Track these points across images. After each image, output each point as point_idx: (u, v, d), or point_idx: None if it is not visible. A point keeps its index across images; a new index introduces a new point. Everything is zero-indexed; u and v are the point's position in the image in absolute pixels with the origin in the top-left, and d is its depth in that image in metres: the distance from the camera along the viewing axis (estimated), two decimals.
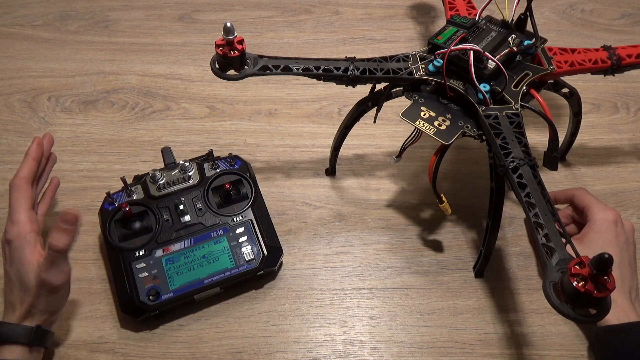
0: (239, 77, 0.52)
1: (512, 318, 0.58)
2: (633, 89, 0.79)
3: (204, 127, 0.74)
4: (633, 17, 0.90)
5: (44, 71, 0.81)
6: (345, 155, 0.70)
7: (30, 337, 0.49)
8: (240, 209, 0.60)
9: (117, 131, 0.74)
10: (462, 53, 0.52)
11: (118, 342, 0.56)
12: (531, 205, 0.44)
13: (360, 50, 0.84)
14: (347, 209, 0.66)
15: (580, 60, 0.56)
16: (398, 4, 0.91)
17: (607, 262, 0.35)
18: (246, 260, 0.57)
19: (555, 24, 0.89)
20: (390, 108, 0.60)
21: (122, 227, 0.58)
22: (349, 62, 0.54)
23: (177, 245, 0.57)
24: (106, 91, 0.79)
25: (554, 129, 0.52)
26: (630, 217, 0.65)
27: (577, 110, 0.63)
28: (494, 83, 0.52)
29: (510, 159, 0.47)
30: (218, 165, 0.62)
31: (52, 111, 0.76)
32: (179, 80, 0.80)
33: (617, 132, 0.74)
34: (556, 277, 0.39)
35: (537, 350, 0.56)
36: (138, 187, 0.60)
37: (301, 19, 0.89)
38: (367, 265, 0.62)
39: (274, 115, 0.76)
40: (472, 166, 0.70)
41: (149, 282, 0.55)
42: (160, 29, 0.87)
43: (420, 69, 0.54)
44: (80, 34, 0.87)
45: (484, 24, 0.56)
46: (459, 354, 0.55)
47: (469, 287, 0.60)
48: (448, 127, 0.52)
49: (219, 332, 0.57)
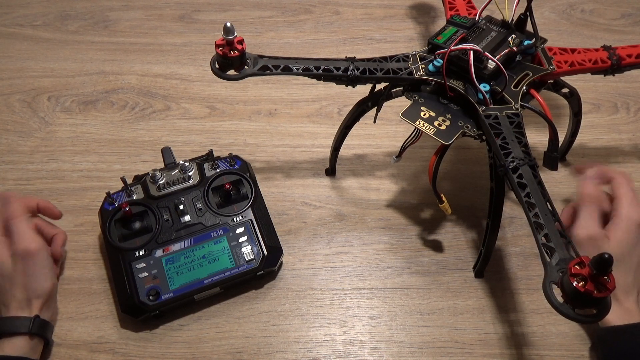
0: (239, 77, 0.52)
1: (512, 318, 0.58)
2: (633, 89, 0.79)
3: (204, 127, 0.74)
4: (633, 17, 0.90)
5: (44, 71, 0.81)
6: (345, 155, 0.70)
7: (30, 326, 0.49)
8: (240, 209, 0.60)
9: (117, 131, 0.74)
10: (462, 53, 0.52)
11: (118, 342, 0.56)
12: (531, 205, 0.44)
13: (360, 50, 0.84)
14: (347, 209, 0.66)
15: (580, 60, 0.56)
16: (398, 4, 0.91)
17: (607, 262, 0.35)
18: (246, 260, 0.57)
19: (555, 24, 0.89)
20: (390, 108, 0.60)
21: (122, 227, 0.58)
22: (349, 62, 0.54)
23: (177, 245, 0.57)
24: (106, 91, 0.79)
25: (554, 129, 0.52)
26: None
27: (577, 110, 0.63)
28: (494, 83, 0.52)
29: (510, 159, 0.47)
30: (218, 165, 0.62)
31: (52, 111, 0.76)
32: (179, 80, 0.80)
33: (617, 132, 0.74)
34: (556, 277, 0.39)
35: (537, 350, 0.56)
36: (138, 187, 0.60)
37: (301, 19, 0.89)
38: (367, 265, 0.62)
39: (274, 115, 0.76)
40: (472, 166, 0.70)
41: (149, 282, 0.55)
42: (160, 29, 0.87)
43: (420, 69, 0.54)
44: (80, 34, 0.87)
45: (484, 24, 0.56)
46: (459, 354, 0.55)
47: (469, 287, 0.60)
48: (448, 127, 0.52)
49: (219, 332, 0.57)
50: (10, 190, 0.67)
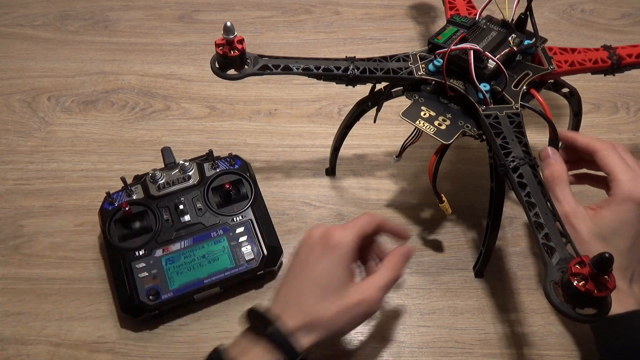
0: (239, 76, 0.52)
1: (512, 318, 0.58)
2: (633, 89, 0.79)
3: (204, 127, 0.74)
4: (633, 17, 0.90)
5: (44, 71, 0.81)
6: (345, 155, 0.70)
7: (288, 356, 0.42)
8: (240, 208, 0.60)
9: (117, 131, 0.74)
10: (462, 53, 0.52)
11: (118, 342, 0.56)
12: (531, 205, 0.44)
13: (360, 50, 0.84)
14: (347, 209, 0.66)
15: (580, 60, 0.56)
16: (398, 4, 0.91)
17: (607, 262, 0.35)
18: (246, 260, 0.57)
19: (555, 24, 0.89)
20: (390, 108, 0.60)
21: (122, 227, 0.58)
22: (349, 62, 0.54)
23: (177, 245, 0.57)
24: (106, 91, 0.79)
25: (554, 128, 0.52)
26: None
27: (577, 110, 0.63)
28: (494, 83, 0.52)
29: (511, 158, 0.47)
30: (218, 165, 0.62)
31: (52, 111, 0.76)
32: (179, 80, 0.80)
33: (617, 132, 0.74)
34: (556, 276, 0.39)
35: (537, 350, 0.56)
36: (138, 187, 0.60)
37: (301, 19, 0.89)
38: None
39: (274, 115, 0.76)
40: (472, 166, 0.70)
41: (149, 281, 0.55)
42: (160, 29, 0.87)
43: (420, 69, 0.54)
44: (80, 34, 0.87)
45: (484, 23, 0.57)
46: (459, 354, 0.55)
47: (469, 287, 0.60)
48: (448, 127, 0.52)
49: (219, 332, 0.57)
50: (10, 190, 0.67)
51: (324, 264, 0.45)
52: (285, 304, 0.45)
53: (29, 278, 0.60)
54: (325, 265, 0.45)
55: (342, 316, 0.44)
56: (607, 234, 0.48)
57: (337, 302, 0.44)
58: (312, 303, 0.44)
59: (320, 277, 0.45)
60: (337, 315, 0.43)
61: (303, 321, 0.43)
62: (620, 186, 0.48)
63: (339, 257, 0.45)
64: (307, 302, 0.44)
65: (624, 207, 0.48)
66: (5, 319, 0.57)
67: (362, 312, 0.44)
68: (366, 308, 0.44)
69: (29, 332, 0.56)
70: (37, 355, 0.55)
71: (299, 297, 0.44)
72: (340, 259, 0.45)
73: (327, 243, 0.46)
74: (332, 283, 0.44)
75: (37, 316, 0.57)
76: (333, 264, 0.45)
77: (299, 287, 0.45)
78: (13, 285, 0.60)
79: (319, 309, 0.43)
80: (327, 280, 0.45)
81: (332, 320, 0.43)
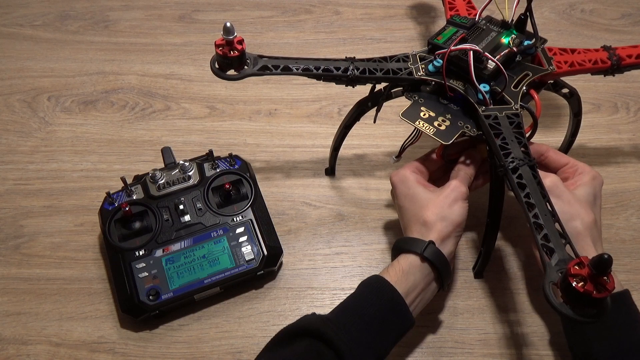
0: (239, 77, 0.52)
1: (512, 318, 0.58)
2: (633, 89, 0.79)
3: (204, 127, 0.74)
4: (633, 17, 0.90)
5: (44, 71, 0.81)
6: (345, 155, 0.70)
7: (423, 249, 0.50)
8: (240, 209, 0.60)
9: (117, 131, 0.74)
10: (462, 53, 0.52)
11: (118, 342, 0.56)
12: (530, 205, 0.44)
13: (360, 50, 0.84)
14: (347, 209, 0.66)
15: (580, 61, 0.56)
16: (398, 4, 0.91)
17: (606, 263, 0.35)
18: (246, 260, 0.57)
19: (555, 24, 0.89)
20: (390, 108, 0.60)
21: (122, 227, 0.58)
22: (348, 62, 0.54)
23: (177, 245, 0.57)
24: (106, 91, 0.79)
25: (534, 127, 0.53)
26: (630, 217, 0.65)
27: (577, 111, 0.63)
28: (494, 83, 0.52)
29: (510, 159, 0.47)
30: (218, 165, 0.62)
31: (52, 111, 0.76)
32: (179, 80, 0.80)
33: (617, 132, 0.74)
34: (556, 277, 0.39)
35: (537, 350, 0.56)
36: (138, 187, 0.60)
37: (301, 19, 0.89)
38: (367, 265, 0.62)
39: (274, 115, 0.76)
40: None
41: (149, 282, 0.55)
42: (160, 29, 0.87)
43: (420, 69, 0.54)
44: (80, 34, 0.87)
45: (484, 24, 0.57)
46: (459, 354, 0.56)
47: (469, 287, 0.60)
48: (448, 127, 0.52)
49: (219, 332, 0.57)
50: (10, 190, 0.67)
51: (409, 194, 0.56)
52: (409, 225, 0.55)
53: (29, 278, 0.60)
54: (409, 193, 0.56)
55: (445, 201, 0.53)
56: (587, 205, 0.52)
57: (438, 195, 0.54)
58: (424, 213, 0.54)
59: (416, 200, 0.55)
60: (444, 200, 0.53)
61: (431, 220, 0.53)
62: (585, 169, 0.55)
63: (412, 185, 0.56)
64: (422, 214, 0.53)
65: (595, 182, 0.54)
66: (5, 319, 0.57)
67: (454, 196, 0.53)
68: (456, 193, 0.53)
69: (29, 332, 0.56)
70: (37, 355, 0.55)
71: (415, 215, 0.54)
72: (413, 185, 0.56)
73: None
74: (425, 197, 0.54)
75: (37, 316, 0.58)
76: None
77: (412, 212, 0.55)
78: (13, 285, 0.60)
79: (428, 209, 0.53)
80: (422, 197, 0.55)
81: (442, 209, 0.53)
